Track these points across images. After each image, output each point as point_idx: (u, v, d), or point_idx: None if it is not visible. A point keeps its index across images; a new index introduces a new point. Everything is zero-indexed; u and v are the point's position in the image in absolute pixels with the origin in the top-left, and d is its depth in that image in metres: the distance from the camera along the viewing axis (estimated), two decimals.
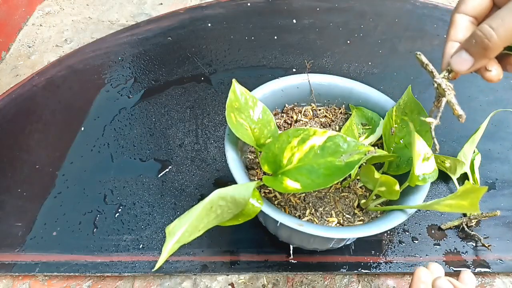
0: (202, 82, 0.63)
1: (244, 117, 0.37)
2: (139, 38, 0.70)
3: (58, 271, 0.43)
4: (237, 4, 0.78)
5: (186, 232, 0.26)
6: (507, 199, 0.50)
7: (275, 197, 0.39)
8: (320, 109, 0.47)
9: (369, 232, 0.33)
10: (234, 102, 0.37)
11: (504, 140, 0.56)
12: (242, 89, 0.38)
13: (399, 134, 0.39)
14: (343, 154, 0.32)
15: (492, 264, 0.44)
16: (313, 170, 0.32)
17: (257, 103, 0.38)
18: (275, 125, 0.38)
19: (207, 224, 0.28)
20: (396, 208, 0.36)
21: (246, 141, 0.36)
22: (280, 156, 0.34)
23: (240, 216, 0.31)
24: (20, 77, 0.67)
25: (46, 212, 0.48)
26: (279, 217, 0.33)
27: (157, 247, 0.45)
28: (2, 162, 0.53)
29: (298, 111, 0.46)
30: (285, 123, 0.45)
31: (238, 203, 0.29)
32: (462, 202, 0.31)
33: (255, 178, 0.40)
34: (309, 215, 0.38)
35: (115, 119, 0.58)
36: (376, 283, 0.44)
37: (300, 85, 0.45)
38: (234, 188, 0.29)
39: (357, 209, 0.39)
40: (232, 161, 0.36)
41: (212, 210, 0.28)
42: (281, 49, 0.69)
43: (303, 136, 0.34)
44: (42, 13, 0.81)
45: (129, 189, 0.50)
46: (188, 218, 0.27)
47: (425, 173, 0.34)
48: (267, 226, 0.42)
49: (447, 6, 0.79)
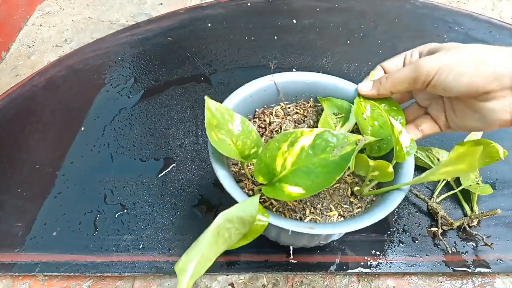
0: (202, 82, 0.63)
1: (224, 132, 0.36)
2: (139, 38, 0.70)
3: (58, 271, 0.43)
4: (237, 4, 0.78)
5: (198, 265, 0.25)
6: (507, 199, 0.50)
7: (271, 205, 0.39)
8: (290, 107, 0.47)
9: (379, 216, 0.33)
10: (212, 120, 0.35)
11: (504, 140, 0.56)
12: (216, 105, 0.36)
13: (372, 116, 0.40)
14: (335, 149, 0.32)
15: (492, 264, 0.44)
16: (310, 170, 0.32)
17: (233, 116, 0.37)
18: (257, 133, 0.38)
19: (217, 251, 0.27)
20: (392, 188, 0.36)
21: (232, 156, 0.35)
22: (272, 164, 0.34)
23: (249, 235, 0.30)
24: (20, 77, 0.67)
25: (46, 212, 0.48)
26: (289, 226, 0.33)
27: (157, 247, 0.45)
28: (2, 162, 0.53)
29: (269, 113, 0.46)
30: (259, 127, 0.45)
31: (246, 222, 0.28)
32: (460, 166, 0.31)
33: (245, 190, 0.39)
34: (309, 214, 0.38)
35: (115, 119, 0.58)
36: (376, 283, 0.44)
37: (267, 87, 0.45)
38: (237, 207, 0.28)
39: (352, 197, 0.40)
40: (224, 179, 0.35)
41: (220, 235, 0.27)
42: (281, 49, 0.69)
43: (292, 139, 0.34)
44: (42, 13, 0.81)
45: (129, 189, 0.50)
46: (197, 251, 0.26)
47: (406, 147, 0.35)
48: (266, 235, 0.42)
49: (447, 6, 0.79)
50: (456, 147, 0.31)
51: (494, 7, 0.85)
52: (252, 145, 0.37)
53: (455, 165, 0.31)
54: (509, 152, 0.54)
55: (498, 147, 0.42)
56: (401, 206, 0.49)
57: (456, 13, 0.77)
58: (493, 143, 0.42)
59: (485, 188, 0.48)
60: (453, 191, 0.49)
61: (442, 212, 0.46)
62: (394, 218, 0.48)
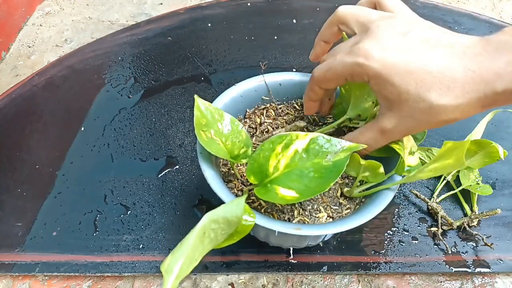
0: (202, 82, 0.63)
1: (213, 132, 0.36)
2: (139, 38, 0.70)
3: (58, 271, 0.43)
4: (237, 4, 0.78)
5: (183, 265, 0.25)
6: (507, 199, 0.50)
7: (260, 206, 0.39)
8: (281, 107, 0.47)
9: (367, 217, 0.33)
10: (201, 119, 0.35)
11: (504, 140, 0.56)
12: (205, 104, 0.36)
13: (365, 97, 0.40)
14: (328, 154, 0.32)
15: (492, 264, 0.44)
16: (303, 174, 0.32)
17: (223, 115, 0.37)
18: (246, 133, 0.38)
19: (203, 251, 0.27)
20: (381, 188, 0.36)
21: (221, 156, 0.35)
22: (266, 165, 0.34)
23: (235, 235, 0.30)
24: (20, 77, 0.67)
25: (46, 212, 0.48)
26: (276, 227, 0.33)
27: (157, 247, 0.45)
28: (2, 162, 0.53)
29: (260, 114, 0.46)
30: (249, 128, 0.45)
31: (232, 222, 0.28)
32: (447, 161, 0.30)
33: (234, 191, 0.39)
34: (298, 216, 0.38)
35: (115, 119, 0.58)
36: (376, 283, 0.44)
37: (257, 88, 0.45)
38: (223, 207, 0.28)
39: (342, 198, 0.40)
40: (212, 179, 0.35)
41: (206, 236, 0.27)
42: (281, 49, 0.69)
43: (286, 141, 0.34)
44: (42, 13, 0.81)
45: (129, 189, 0.50)
46: (183, 251, 0.26)
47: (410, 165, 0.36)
48: (255, 235, 0.42)
49: (447, 6, 0.79)
50: (444, 143, 0.30)
51: (494, 7, 0.85)
52: (242, 145, 0.37)
53: (442, 161, 0.31)
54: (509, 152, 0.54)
55: (498, 147, 0.42)
56: (401, 206, 0.49)
57: (456, 13, 0.77)
58: (493, 143, 0.42)
59: (485, 188, 0.48)
60: (453, 191, 0.49)
61: (442, 212, 0.46)
62: (394, 218, 0.48)
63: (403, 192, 0.50)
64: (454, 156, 0.30)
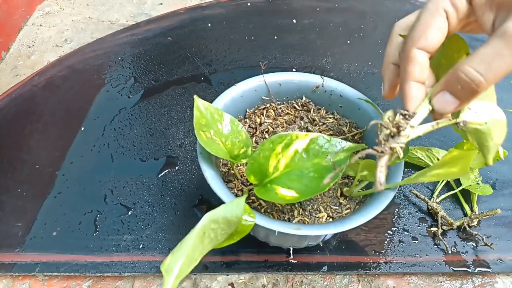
0: (202, 82, 0.63)
1: (213, 132, 0.36)
2: (139, 38, 0.70)
3: (58, 271, 0.43)
4: (237, 4, 0.78)
5: (183, 265, 0.25)
6: (507, 199, 0.50)
7: (260, 205, 0.39)
8: (281, 107, 0.47)
9: (367, 217, 0.33)
10: (200, 119, 0.35)
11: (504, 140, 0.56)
12: (205, 104, 0.36)
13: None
14: (328, 155, 0.32)
15: (492, 264, 0.44)
16: (303, 174, 0.32)
17: (223, 115, 0.37)
18: (246, 133, 0.38)
19: (203, 251, 0.27)
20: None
21: (221, 156, 0.35)
22: (265, 164, 0.34)
23: (235, 235, 0.30)
24: (20, 77, 0.67)
25: (46, 212, 0.48)
26: (276, 227, 0.33)
27: (157, 247, 0.45)
28: (2, 162, 0.53)
29: (260, 114, 0.46)
30: (250, 128, 0.45)
31: (231, 223, 0.28)
32: (452, 169, 0.30)
33: (234, 191, 0.39)
34: (298, 216, 0.38)
35: (115, 119, 0.58)
36: (376, 283, 0.44)
37: (257, 88, 0.45)
38: (223, 207, 0.28)
39: (341, 198, 0.40)
40: (212, 179, 0.35)
41: (206, 236, 0.27)
42: (281, 49, 0.69)
43: (287, 141, 0.34)
44: (42, 13, 0.81)
45: (129, 189, 0.50)
46: (183, 251, 0.26)
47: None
48: (255, 235, 0.42)
49: None
50: (450, 150, 0.30)
51: None
52: (241, 145, 0.37)
53: (447, 168, 0.31)
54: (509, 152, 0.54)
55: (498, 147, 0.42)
56: (401, 206, 0.49)
57: None
58: None
59: (485, 188, 0.48)
60: (453, 191, 0.49)
61: (442, 212, 0.46)
62: (394, 218, 0.48)
63: (403, 192, 0.50)
64: (460, 165, 0.29)
